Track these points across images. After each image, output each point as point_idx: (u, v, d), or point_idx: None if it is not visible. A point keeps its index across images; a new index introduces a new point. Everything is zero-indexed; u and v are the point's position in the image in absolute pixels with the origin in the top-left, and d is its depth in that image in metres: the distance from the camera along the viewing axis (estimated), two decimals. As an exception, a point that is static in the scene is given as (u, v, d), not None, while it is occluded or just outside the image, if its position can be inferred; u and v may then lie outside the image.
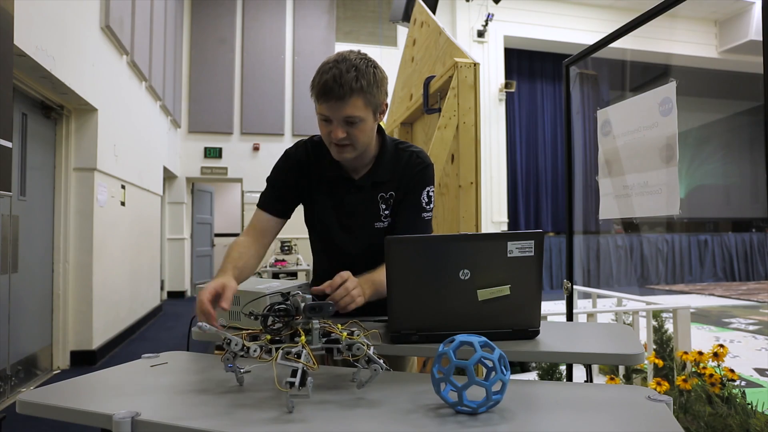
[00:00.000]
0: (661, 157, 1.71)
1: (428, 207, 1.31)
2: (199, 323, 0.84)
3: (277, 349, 0.79)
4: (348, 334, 0.84)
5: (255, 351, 0.81)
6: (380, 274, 1.18)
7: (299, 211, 1.44)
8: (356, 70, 1.13)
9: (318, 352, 0.84)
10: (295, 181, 1.33)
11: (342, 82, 1.11)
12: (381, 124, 1.31)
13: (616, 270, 9.17)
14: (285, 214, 1.33)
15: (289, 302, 0.87)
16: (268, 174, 1.38)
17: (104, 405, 0.77)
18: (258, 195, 1.39)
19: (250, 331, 0.89)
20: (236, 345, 0.82)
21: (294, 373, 0.73)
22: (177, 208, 8.11)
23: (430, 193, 1.31)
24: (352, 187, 1.30)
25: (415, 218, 1.29)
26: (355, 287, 1.10)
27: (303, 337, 0.81)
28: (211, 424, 0.70)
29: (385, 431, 0.68)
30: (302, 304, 0.85)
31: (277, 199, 1.32)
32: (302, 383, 0.73)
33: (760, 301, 7.40)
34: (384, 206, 1.30)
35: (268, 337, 0.84)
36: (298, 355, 0.77)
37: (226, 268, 1.13)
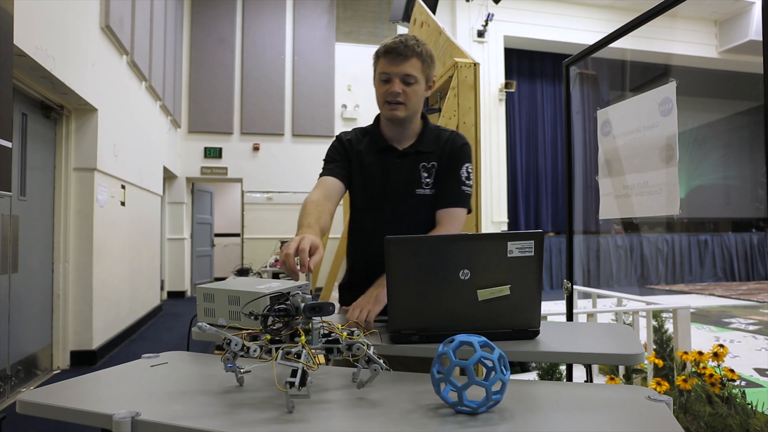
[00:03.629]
0: (661, 157, 1.71)
1: (468, 182, 1.42)
2: (199, 323, 0.84)
3: (277, 349, 0.78)
4: (348, 334, 0.84)
5: (255, 351, 0.81)
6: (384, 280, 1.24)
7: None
8: (416, 41, 1.33)
9: (318, 352, 0.84)
10: (347, 155, 1.46)
11: (406, 44, 1.31)
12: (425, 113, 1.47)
13: (616, 270, 9.17)
14: (345, 179, 1.43)
15: (289, 302, 0.87)
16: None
17: (104, 405, 0.77)
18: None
19: (250, 331, 0.88)
20: (236, 345, 0.82)
21: (294, 373, 0.73)
22: (177, 208, 8.10)
23: (469, 170, 1.43)
24: (397, 155, 1.42)
25: (455, 190, 1.40)
26: (364, 305, 1.19)
27: (303, 337, 0.81)
28: (211, 424, 0.70)
29: (385, 431, 0.68)
30: (302, 304, 0.85)
31: (337, 167, 1.44)
32: (302, 383, 0.73)
33: (760, 301, 7.39)
34: (426, 174, 1.41)
35: (268, 337, 0.84)
36: (298, 355, 0.77)
37: (312, 224, 1.19)
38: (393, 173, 1.41)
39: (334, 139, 1.50)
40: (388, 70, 1.32)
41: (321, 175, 1.43)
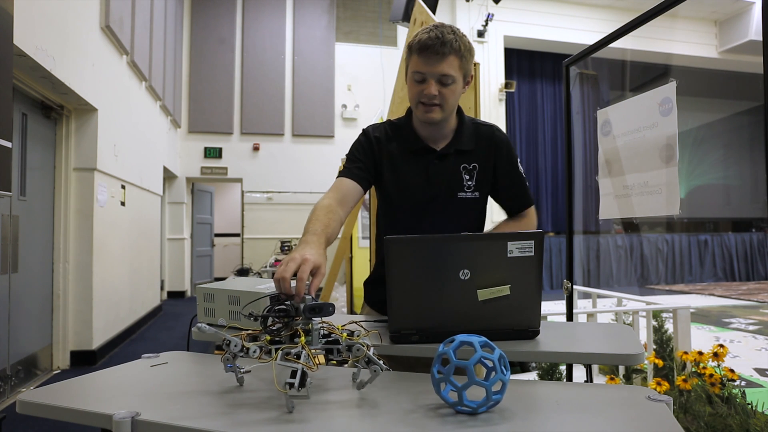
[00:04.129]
0: (661, 157, 1.71)
1: (524, 176, 1.40)
2: (199, 323, 0.84)
3: (276, 350, 0.78)
4: (348, 335, 0.83)
5: (254, 352, 0.81)
6: None
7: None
8: (454, 34, 1.21)
9: (318, 353, 0.84)
10: (373, 155, 1.35)
11: (444, 41, 1.18)
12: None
13: (616, 270, 9.17)
14: (365, 182, 1.32)
15: (288, 303, 0.87)
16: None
17: (104, 405, 0.77)
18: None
19: (249, 331, 0.88)
20: (236, 346, 0.82)
21: (293, 374, 0.73)
22: (177, 208, 8.11)
23: (521, 163, 1.40)
24: (435, 157, 1.33)
25: (525, 190, 1.39)
26: None
27: (303, 338, 0.81)
28: (211, 424, 0.70)
29: (385, 431, 0.68)
30: (302, 305, 0.85)
31: (358, 168, 1.32)
32: (302, 384, 0.73)
33: (760, 301, 7.39)
34: (467, 177, 1.33)
35: (268, 337, 0.83)
36: (298, 356, 0.77)
37: (319, 233, 1.05)
38: (433, 176, 1.32)
39: (360, 133, 1.39)
40: (422, 70, 1.21)
41: (340, 173, 1.32)
